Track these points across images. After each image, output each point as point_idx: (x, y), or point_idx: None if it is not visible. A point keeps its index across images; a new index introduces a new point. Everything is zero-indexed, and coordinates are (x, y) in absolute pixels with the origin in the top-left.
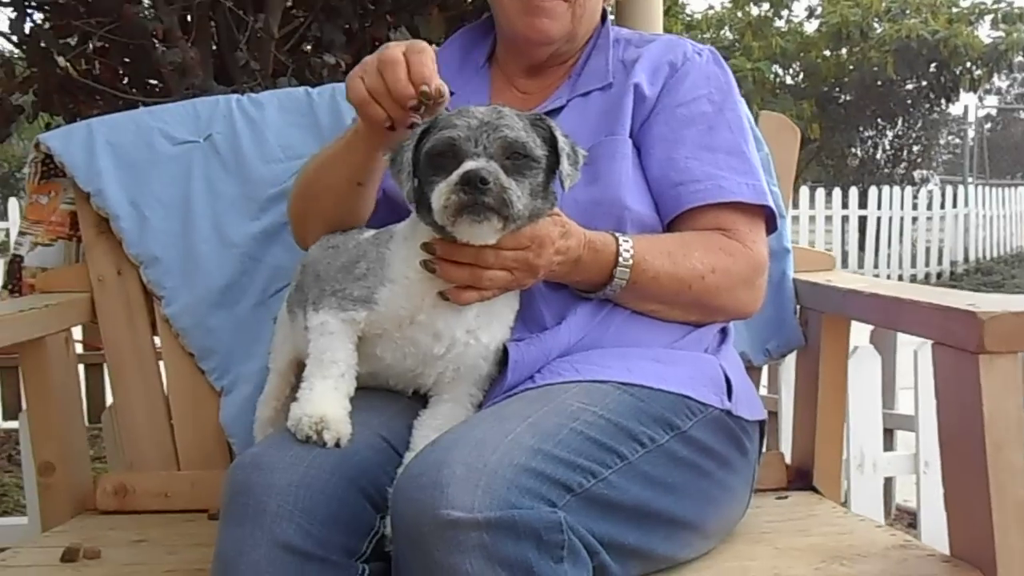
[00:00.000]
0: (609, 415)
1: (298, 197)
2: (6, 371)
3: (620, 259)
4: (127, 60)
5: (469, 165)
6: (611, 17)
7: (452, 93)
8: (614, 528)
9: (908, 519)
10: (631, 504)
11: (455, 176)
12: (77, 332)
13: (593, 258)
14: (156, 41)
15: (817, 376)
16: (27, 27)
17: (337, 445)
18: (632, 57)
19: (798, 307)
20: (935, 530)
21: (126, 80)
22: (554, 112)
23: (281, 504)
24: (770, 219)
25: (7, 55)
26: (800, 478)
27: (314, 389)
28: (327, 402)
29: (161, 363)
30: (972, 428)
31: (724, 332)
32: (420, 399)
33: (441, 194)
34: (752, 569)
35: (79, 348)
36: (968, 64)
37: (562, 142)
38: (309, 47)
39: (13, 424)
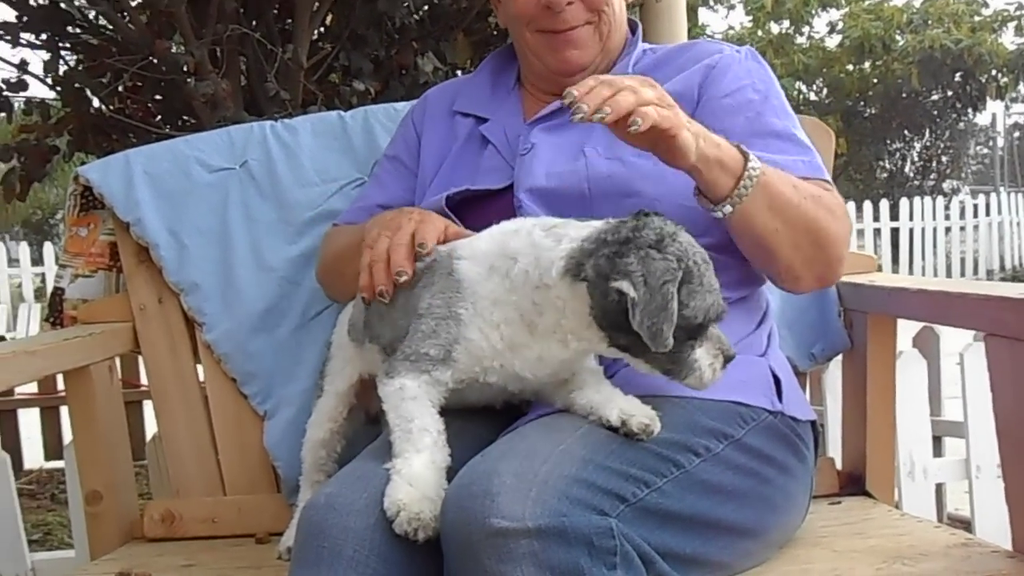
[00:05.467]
0: (662, 428)
1: (322, 269)
2: (47, 411)
3: (738, 145)
4: (158, 96)
5: (722, 339)
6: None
7: (486, 120)
8: (672, 538)
9: (960, 527)
10: (688, 513)
11: (715, 347)
12: None
13: (716, 143)
14: (187, 76)
15: (865, 379)
16: (61, 69)
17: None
18: (665, 56)
19: (842, 310)
20: (991, 535)
21: (158, 116)
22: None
23: (357, 549)
24: None
25: (40, 99)
26: (852, 483)
27: (412, 466)
28: (426, 488)
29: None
30: None
31: (771, 335)
32: (508, 416)
33: (708, 363)
34: (812, 572)
35: None
36: (993, 72)
37: None
38: (337, 76)
39: (55, 464)
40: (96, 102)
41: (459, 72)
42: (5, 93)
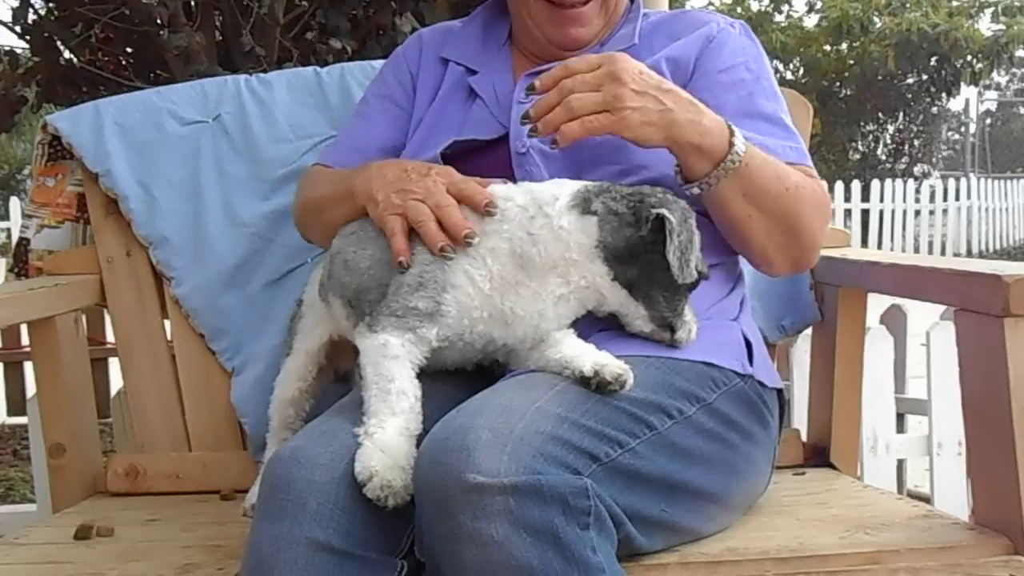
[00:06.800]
0: (636, 387)
1: (303, 210)
2: (10, 367)
3: (731, 128)
4: (130, 49)
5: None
6: None
7: (475, 72)
8: (640, 499)
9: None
10: (658, 475)
11: (691, 311)
12: None
13: (702, 115)
14: (160, 28)
15: (833, 352)
16: (31, 17)
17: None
18: (659, 22)
19: (813, 283)
20: (949, 511)
21: (130, 69)
22: None
23: (322, 503)
24: None
25: (8, 48)
26: (817, 455)
27: (385, 431)
28: (398, 457)
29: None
30: (997, 393)
31: (743, 302)
32: (480, 377)
33: (692, 318)
34: (776, 539)
35: None
36: (969, 57)
37: None
38: (314, 33)
39: (18, 419)
40: (66, 52)
41: None
42: None
